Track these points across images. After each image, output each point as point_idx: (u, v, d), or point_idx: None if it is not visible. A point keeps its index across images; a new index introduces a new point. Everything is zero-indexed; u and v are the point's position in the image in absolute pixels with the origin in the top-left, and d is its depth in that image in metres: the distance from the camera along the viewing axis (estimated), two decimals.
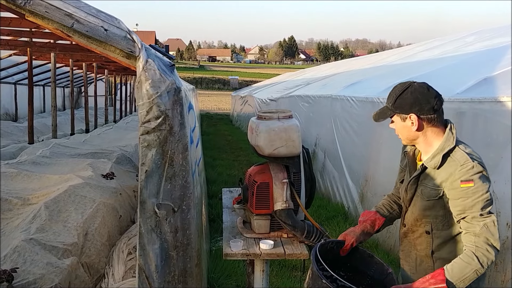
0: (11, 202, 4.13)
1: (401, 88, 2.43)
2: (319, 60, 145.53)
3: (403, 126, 2.42)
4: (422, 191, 2.43)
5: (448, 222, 2.40)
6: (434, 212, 2.41)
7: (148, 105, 2.34)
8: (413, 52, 10.40)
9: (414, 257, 2.55)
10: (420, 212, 2.46)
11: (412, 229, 2.53)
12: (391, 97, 2.45)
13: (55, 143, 7.45)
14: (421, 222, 2.47)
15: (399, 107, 2.40)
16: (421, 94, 2.39)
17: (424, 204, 2.43)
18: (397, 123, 2.44)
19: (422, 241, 2.49)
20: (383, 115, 2.47)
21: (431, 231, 2.44)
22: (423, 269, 2.49)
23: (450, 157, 2.33)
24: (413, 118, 2.37)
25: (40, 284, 3.05)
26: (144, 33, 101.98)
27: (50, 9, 2.24)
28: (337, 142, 7.49)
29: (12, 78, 15.90)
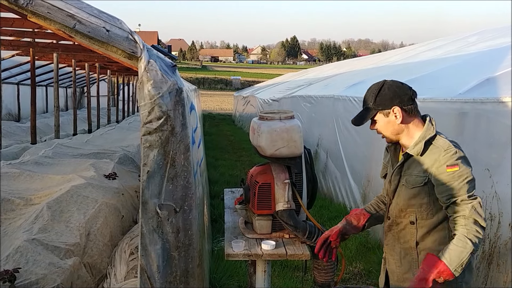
0: (13, 202, 4.14)
1: (377, 87, 2.52)
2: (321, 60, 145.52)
3: (387, 122, 2.50)
4: (407, 179, 2.50)
5: (432, 210, 2.47)
6: (419, 200, 2.48)
7: (150, 105, 2.34)
8: (416, 52, 10.39)
9: (398, 250, 2.60)
10: (405, 201, 2.52)
11: (396, 221, 2.59)
12: (370, 97, 2.52)
13: (58, 143, 7.46)
14: (405, 212, 2.53)
15: (380, 103, 2.48)
16: (397, 87, 2.50)
17: (409, 193, 2.49)
18: (380, 121, 2.51)
19: (406, 233, 2.55)
20: (365, 116, 2.54)
21: (415, 221, 2.50)
22: (407, 261, 2.56)
23: (432, 145, 2.43)
24: (396, 110, 2.46)
25: (42, 284, 3.05)
26: (147, 33, 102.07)
27: (52, 10, 2.24)
28: (339, 143, 7.49)
29: (15, 79, 15.93)
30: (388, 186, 2.64)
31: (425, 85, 5.56)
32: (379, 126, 2.53)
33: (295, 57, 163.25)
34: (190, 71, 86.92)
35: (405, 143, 2.53)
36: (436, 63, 7.15)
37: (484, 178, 3.77)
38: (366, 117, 2.53)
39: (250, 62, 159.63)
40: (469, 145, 3.99)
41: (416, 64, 8.27)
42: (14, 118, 16.01)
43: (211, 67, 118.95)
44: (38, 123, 11.10)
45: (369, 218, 2.82)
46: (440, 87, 5.19)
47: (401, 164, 2.53)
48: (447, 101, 4.41)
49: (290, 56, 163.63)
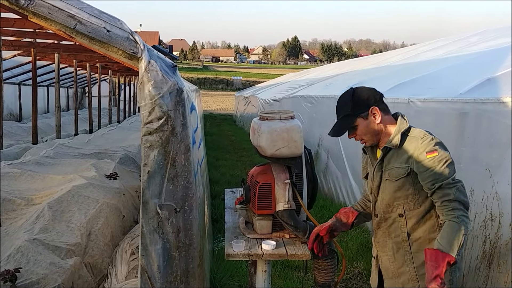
0: (14, 202, 4.15)
1: (348, 95, 2.60)
2: (322, 61, 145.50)
3: (368, 124, 2.56)
4: (389, 173, 2.55)
5: (418, 200, 2.52)
6: (404, 191, 2.52)
7: (150, 106, 2.35)
8: (417, 52, 10.39)
9: (390, 246, 2.63)
10: (391, 195, 2.56)
11: (384, 216, 2.63)
12: (344, 105, 2.59)
13: (59, 143, 7.47)
14: (393, 206, 2.57)
15: (358, 108, 2.54)
16: (366, 90, 2.59)
17: (394, 186, 2.54)
18: (361, 125, 2.56)
19: (396, 227, 2.59)
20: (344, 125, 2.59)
21: (404, 213, 2.54)
22: (400, 255, 2.59)
23: (408, 136, 2.52)
24: (374, 110, 2.54)
25: (43, 284, 3.05)
26: (148, 33, 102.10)
27: (53, 11, 2.24)
28: (340, 143, 7.49)
29: (16, 79, 15.94)
30: (372, 184, 2.67)
31: (426, 85, 5.57)
32: (360, 131, 2.58)
33: (296, 57, 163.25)
34: (191, 71, 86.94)
35: (382, 141, 2.59)
36: (437, 63, 7.15)
37: (485, 178, 3.77)
38: (346, 125, 2.58)
39: (251, 62, 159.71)
40: (470, 145, 4.00)
41: (417, 64, 8.27)
42: (15, 118, 16.02)
43: (212, 67, 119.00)
44: (40, 123, 11.11)
45: (358, 215, 2.86)
46: (441, 87, 5.19)
47: (381, 159, 2.58)
48: (448, 101, 4.41)
49: (291, 56, 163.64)
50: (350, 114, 2.56)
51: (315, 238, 2.81)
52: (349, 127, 2.58)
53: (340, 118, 2.61)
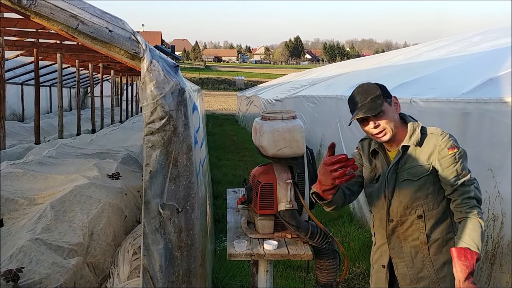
0: (17, 202, 4.16)
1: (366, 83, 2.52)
2: (325, 60, 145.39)
3: (392, 112, 2.47)
4: (409, 172, 2.47)
5: (437, 199, 2.48)
6: (425, 191, 2.46)
7: (152, 106, 2.35)
8: (419, 52, 10.38)
9: (408, 251, 2.54)
10: (411, 196, 2.48)
11: (401, 220, 2.53)
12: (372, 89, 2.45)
13: (61, 143, 7.49)
14: (411, 208, 2.50)
15: (384, 92, 2.46)
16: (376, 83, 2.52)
17: (415, 185, 2.47)
18: (387, 111, 2.44)
19: (413, 230, 2.51)
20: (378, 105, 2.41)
21: (423, 214, 2.48)
22: (419, 260, 2.52)
23: (425, 134, 2.47)
24: (396, 100, 2.52)
25: (45, 283, 3.06)
26: (151, 33, 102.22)
27: (55, 11, 2.25)
28: (343, 143, 7.49)
29: (19, 79, 15.98)
30: (385, 188, 2.54)
31: (428, 85, 5.56)
32: (386, 116, 2.43)
33: (298, 57, 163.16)
34: (194, 71, 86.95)
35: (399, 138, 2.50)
36: (439, 63, 7.14)
37: (487, 178, 3.77)
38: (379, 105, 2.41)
39: (253, 62, 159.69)
40: (472, 145, 3.99)
41: (419, 64, 8.26)
42: (18, 118, 16.06)
43: (215, 67, 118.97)
44: (42, 123, 11.13)
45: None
46: (443, 87, 5.18)
47: (397, 160, 2.50)
48: (450, 101, 4.41)
49: (294, 56, 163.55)
50: (379, 95, 2.42)
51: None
52: (380, 107, 2.41)
53: (369, 101, 2.41)
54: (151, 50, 2.44)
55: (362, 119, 2.47)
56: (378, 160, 2.62)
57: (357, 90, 2.52)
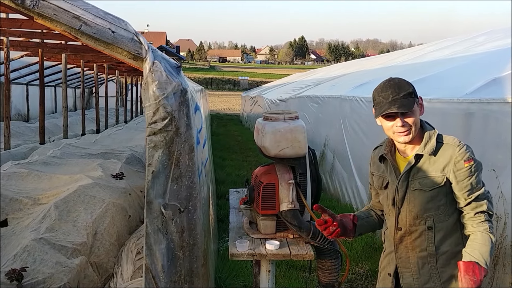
0: (21, 202, 4.18)
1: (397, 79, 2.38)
2: (329, 60, 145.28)
3: (418, 113, 2.37)
4: (421, 182, 2.38)
5: (448, 211, 2.39)
6: (437, 202, 2.38)
7: (155, 106, 2.36)
8: (424, 53, 10.36)
9: (415, 261, 2.46)
10: (421, 206, 2.40)
11: (410, 230, 2.45)
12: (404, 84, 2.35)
13: (66, 143, 7.52)
14: (421, 218, 2.41)
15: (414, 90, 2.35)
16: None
17: (426, 196, 2.38)
18: (416, 111, 2.35)
19: (422, 241, 2.43)
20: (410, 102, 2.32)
21: (433, 225, 2.40)
22: (426, 271, 2.44)
23: (441, 143, 2.36)
24: (421, 99, 2.40)
25: (49, 283, 3.08)
26: (155, 34, 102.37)
27: (58, 12, 2.26)
28: (346, 143, 7.49)
29: (24, 79, 16.03)
30: (395, 195, 2.47)
31: (432, 85, 5.55)
32: (415, 116, 2.35)
33: (303, 57, 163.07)
34: (198, 71, 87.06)
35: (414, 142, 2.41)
36: (443, 63, 7.13)
37: (491, 179, 3.76)
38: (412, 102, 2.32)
39: (258, 63, 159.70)
40: (476, 145, 3.96)
41: (423, 64, 8.25)
42: (23, 118, 16.12)
43: (219, 67, 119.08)
44: (47, 123, 11.18)
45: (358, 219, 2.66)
46: (447, 88, 5.18)
47: (409, 168, 2.40)
48: (454, 101, 4.40)
49: (298, 56, 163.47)
50: (412, 92, 2.33)
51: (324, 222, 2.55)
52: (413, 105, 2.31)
53: (401, 96, 2.30)
54: (154, 50, 2.45)
55: (388, 114, 2.36)
56: (386, 166, 2.54)
57: (389, 83, 2.37)
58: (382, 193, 2.58)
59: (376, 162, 2.60)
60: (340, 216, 2.59)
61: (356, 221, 2.62)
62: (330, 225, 2.49)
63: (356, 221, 2.63)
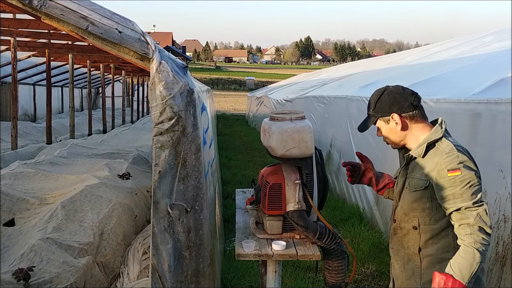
0: (28, 201, 4.19)
1: (378, 93, 2.56)
2: (335, 61, 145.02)
3: (389, 129, 2.52)
4: (410, 182, 2.47)
5: (435, 216, 2.40)
6: (421, 204, 2.42)
7: (161, 106, 2.36)
8: (430, 53, 10.32)
9: (402, 255, 2.56)
10: (408, 205, 2.48)
11: (400, 225, 2.54)
12: (370, 104, 2.58)
13: (73, 143, 7.55)
14: (409, 216, 2.48)
15: (379, 110, 2.51)
16: (397, 94, 2.49)
17: (412, 196, 2.45)
18: (383, 127, 2.55)
19: (410, 239, 2.49)
20: (366, 123, 2.61)
21: (418, 226, 2.44)
22: (410, 267, 2.51)
23: (435, 147, 2.38)
24: (395, 117, 2.47)
25: (56, 282, 3.09)
26: (162, 34, 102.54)
27: (66, 12, 2.27)
28: (353, 143, 7.46)
29: (31, 79, 16.12)
30: (395, 187, 2.63)
31: (439, 85, 5.53)
32: (383, 133, 2.57)
33: (309, 58, 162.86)
34: (204, 71, 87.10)
35: (411, 147, 2.51)
36: (450, 64, 7.10)
37: (498, 180, 3.74)
38: (367, 124, 2.61)
39: (264, 63, 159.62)
40: (483, 146, 3.96)
41: (430, 65, 8.21)
42: (30, 118, 16.20)
43: (225, 67, 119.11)
44: (54, 123, 11.24)
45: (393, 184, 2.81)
46: (453, 88, 5.15)
47: (405, 166, 2.52)
48: (461, 101, 4.38)
49: (304, 57, 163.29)
50: (372, 115, 2.58)
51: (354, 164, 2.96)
52: (369, 126, 2.60)
53: (367, 115, 2.63)
54: (160, 51, 2.45)
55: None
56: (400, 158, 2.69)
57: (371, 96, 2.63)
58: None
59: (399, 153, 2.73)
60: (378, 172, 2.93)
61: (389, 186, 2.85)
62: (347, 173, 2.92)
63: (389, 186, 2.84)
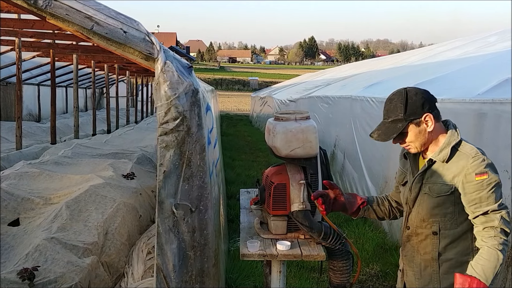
0: (33, 201, 4.21)
1: (401, 95, 2.36)
2: (339, 61, 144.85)
3: (418, 132, 2.36)
4: (431, 188, 2.37)
5: (456, 220, 2.36)
6: (443, 209, 2.36)
7: (166, 106, 2.36)
8: (435, 53, 10.30)
9: (418, 262, 2.48)
10: (428, 211, 2.40)
11: (416, 231, 2.46)
12: (396, 108, 2.35)
13: (77, 143, 7.57)
14: (427, 222, 2.41)
15: (412, 113, 2.33)
16: (422, 92, 2.38)
17: (433, 202, 2.37)
18: (412, 132, 2.36)
19: (427, 244, 2.43)
20: (395, 130, 2.35)
21: (438, 231, 2.39)
22: (427, 274, 2.44)
23: (458, 151, 2.32)
24: (428, 117, 2.34)
25: (60, 282, 3.09)
26: (166, 34, 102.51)
27: (71, 12, 2.27)
28: (357, 143, 7.45)
29: (36, 80, 16.16)
30: (408, 194, 2.50)
31: (444, 85, 5.51)
32: (410, 137, 2.37)
33: (313, 58, 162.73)
34: (208, 72, 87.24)
35: (431, 149, 2.41)
36: (454, 64, 7.08)
37: (503, 180, 3.69)
38: (396, 130, 2.35)
39: (267, 63, 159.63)
40: (488, 146, 3.94)
41: (434, 65, 8.20)
42: (34, 118, 16.25)
43: (229, 68, 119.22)
44: (58, 123, 11.26)
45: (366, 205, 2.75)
46: (458, 88, 5.14)
47: (424, 171, 2.41)
48: (466, 101, 4.37)
49: (308, 57, 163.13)
50: (401, 119, 2.33)
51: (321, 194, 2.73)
52: (399, 132, 2.34)
53: (389, 121, 2.37)
54: (165, 51, 2.45)
55: None
56: (408, 164, 2.55)
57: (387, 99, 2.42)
58: (401, 189, 2.62)
59: (402, 157, 2.63)
60: (347, 195, 2.75)
61: (363, 206, 2.73)
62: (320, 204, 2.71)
63: (363, 205, 2.73)
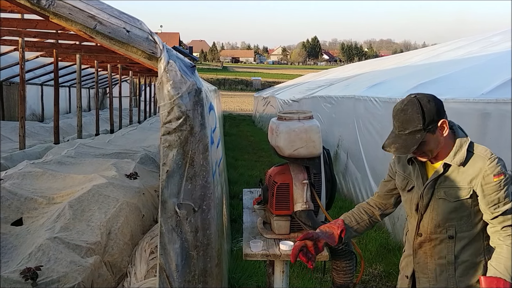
0: (36, 201, 4.21)
1: (415, 105, 2.24)
2: (342, 61, 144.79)
3: (435, 140, 2.27)
4: (446, 192, 2.32)
5: (471, 221, 2.33)
6: (460, 213, 2.32)
7: (169, 105, 2.36)
8: (438, 53, 10.27)
9: (433, 268, 2.43)
10: (444, 216, 2.35)
11: (430, 237, 2.41)
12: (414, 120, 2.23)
13: (80, 143, 7.57)
14: (443, 227, 2.36)
15: (430, 121, 2.23)
16: (434, 99, 2.29)
17: (450, 206, 2.32)
18: (430, 141, 2.26)
19: (442, 249, 2.39)
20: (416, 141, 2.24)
21: (455, 235, 2.35)
22: (443, 278, 2.40)
23: (473, 153, 2.28)
24: (444, 123, 2.26)
25: (63, 282, 3.09)
26: (169, 34, 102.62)
27: (74, 11, 2.27)
28: (360, 143, 7.44)
29: (39, 79, 16.19)
30: (419, 201, 2.43)
31: (447, 85, 5.50)
32: (429, 146, 2.28)
33: (316, 58, 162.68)
34: (211, 72, 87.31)
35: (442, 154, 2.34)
36: (458, 63, 7.05)
37: None
38: (417, 141, 2.23)
39: (270, 63, 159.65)
40: (492, 146, 3.90)
41: (438, 64, 8.17)
42: (37, 118, 16.28)
43: (232, 68, 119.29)
44: (61, 123, 11.28)
45: (346, 229, 2.60)
46: (462, 88, 5.12)
47: (438, 176, 2.34)
48: (469, 101, 4.35)
49: (311, 57, 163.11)
50: (420, 130, 2.22)
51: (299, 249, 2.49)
52: (416, 145, 2.23)
53: (407, 133, 2.25)
54: (168, 50, 2.45)
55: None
56: (414, 169, 2.47)
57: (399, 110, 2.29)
58: (405, 195, 2.54)
59: (402, 161, 2.55)
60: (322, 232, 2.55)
61: (344, 234, 2.58)
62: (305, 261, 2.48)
63: (343, 235, 2.58)
